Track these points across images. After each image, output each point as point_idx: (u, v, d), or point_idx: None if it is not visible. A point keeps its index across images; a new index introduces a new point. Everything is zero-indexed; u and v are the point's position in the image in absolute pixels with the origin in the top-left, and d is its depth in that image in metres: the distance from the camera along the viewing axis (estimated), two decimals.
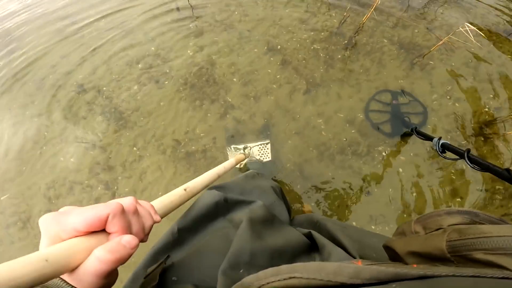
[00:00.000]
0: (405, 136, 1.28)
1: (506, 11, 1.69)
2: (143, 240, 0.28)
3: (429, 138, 1.00)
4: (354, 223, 1.13)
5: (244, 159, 1.04)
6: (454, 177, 1.19)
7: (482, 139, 1.27)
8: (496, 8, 1.70)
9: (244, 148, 1.29)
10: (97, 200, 1.35)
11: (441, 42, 1.43)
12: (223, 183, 0.60)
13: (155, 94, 1.57)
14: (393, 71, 1.46)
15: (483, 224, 0.26)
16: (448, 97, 1.37)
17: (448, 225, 0.28)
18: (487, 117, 1.31)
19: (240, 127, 1.41)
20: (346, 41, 1.59)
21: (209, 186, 0.57)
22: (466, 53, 1.49)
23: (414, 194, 1.17)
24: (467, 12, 1.68)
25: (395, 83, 1.43)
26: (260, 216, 0.47)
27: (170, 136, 1.41)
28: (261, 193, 0.64)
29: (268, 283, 0.23)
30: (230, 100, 1.48)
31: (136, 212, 0.27)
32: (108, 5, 2.03)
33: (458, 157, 0.86)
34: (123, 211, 0.24)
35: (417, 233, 0.31)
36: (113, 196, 1.34)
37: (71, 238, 0.22)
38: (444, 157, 0.91)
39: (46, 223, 0.22)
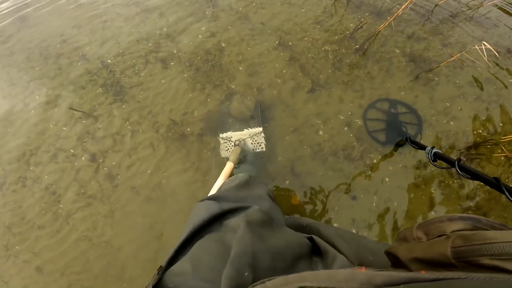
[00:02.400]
0: (398, 145, 1.35)
1: None
2: None
3: (422, 147, 1.07)
4: (335, 225, 1.18)
5: (233, 167, 1.07)
6: (435, 191, 1.26)
7: (470, 159, 1.33)
8: None
9: (236, 141, 1.33)
10: (78, 171, 1.40)
11: (451, 59, 1.50)
12: (216, 194, 0.62)
13: (159, 72, 1.65)
14: (398, 82, 1.52)
15: (486, 229, 0.28)
16: (446, 114, 1.43)
17: (451, 231, 0.30)
18: (478, 138, 1.37)
19: (237, 114, 1.48)
20: (357, 47, 1.67)
21: (202, 198, 0.59)
22: (474, 72, 1.55)
23: (396, 203, 1.23)
24: (485, 32, 1.75)
25: (398, 94, 1.49)
26: (258, 219, 0.49)
27: (167, 115, 1.49)
28: (256, 198, 0.65)
29: None
30: (233, 87, 1.56)
31: None
32: None
33: (449, 165, 0.91)
34: None
35: (419, 239, 0.33)
36: (97, 169, 1.40)
37: None
38: (436, 166, 0.96)
39: None
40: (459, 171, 0.81)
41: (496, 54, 1.49)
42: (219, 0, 1.97)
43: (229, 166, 1.03)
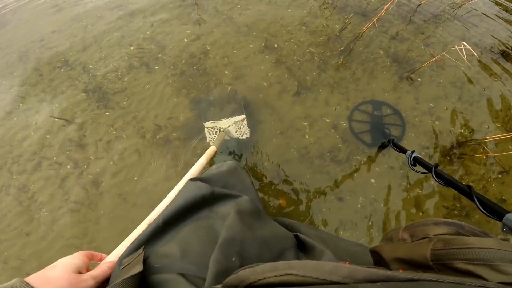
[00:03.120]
0: (383, 147, 1.38)
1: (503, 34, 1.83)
2: None
3: (403, 151, 1.10)
4: (322, 227, 1.21)
5: (215, 151, 1.09)
6: (420, 192, 1.29)
7: (454, 159, 1.37)
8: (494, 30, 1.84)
9: (220, 130, 1.36)
10: (63, 180, 1.38)
11: (433, 59, 1.55)
12: (206, 175, 0.63)
13: (143, 77, 1.65)
14: (383, 83, 1.56)
15: (467, 236, 0.30)
16: (429, 114, 1.47)
17: (434, 235, 0.32)
18: (460, 138, 1.41)
19: (222, 114, 1.50)
20: (342, 48, 1.70)
21: (192, 178, 0.60)
22: (456, 72, 1.60)
23: (382, 204, 1.26)
24: (466, 31, 1.80)
25: (382, 95, 1.53)
26: (248, 209, 0.50)
27: (152, 121, 1.49)
28: (244, 188, 0.67)
29: (265, 278, 0.24)
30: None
31: None
32: None
33: (426, 170, 0.94)
34: None
35: (404, 240, 0.35)
36: (81, 175, 1.39)
37: None
38: (414, 170, 0.99)
39: None
40: (435, 177, 0.84)
41: (475, 54, 1.55)
42: (204, 2, 1.98)
43: (211, 149, 1.03)
